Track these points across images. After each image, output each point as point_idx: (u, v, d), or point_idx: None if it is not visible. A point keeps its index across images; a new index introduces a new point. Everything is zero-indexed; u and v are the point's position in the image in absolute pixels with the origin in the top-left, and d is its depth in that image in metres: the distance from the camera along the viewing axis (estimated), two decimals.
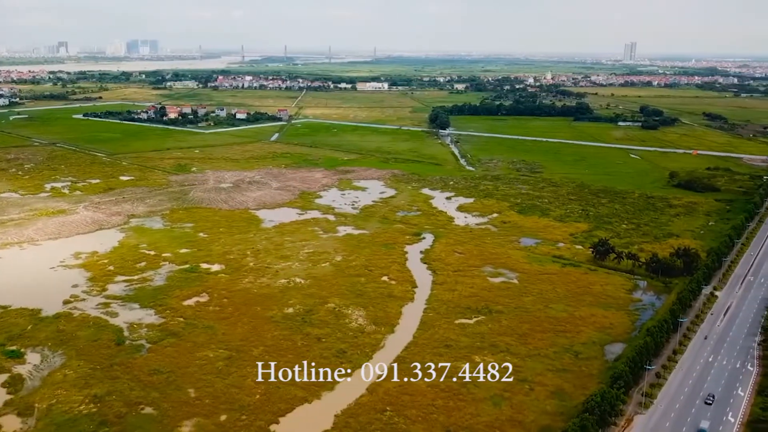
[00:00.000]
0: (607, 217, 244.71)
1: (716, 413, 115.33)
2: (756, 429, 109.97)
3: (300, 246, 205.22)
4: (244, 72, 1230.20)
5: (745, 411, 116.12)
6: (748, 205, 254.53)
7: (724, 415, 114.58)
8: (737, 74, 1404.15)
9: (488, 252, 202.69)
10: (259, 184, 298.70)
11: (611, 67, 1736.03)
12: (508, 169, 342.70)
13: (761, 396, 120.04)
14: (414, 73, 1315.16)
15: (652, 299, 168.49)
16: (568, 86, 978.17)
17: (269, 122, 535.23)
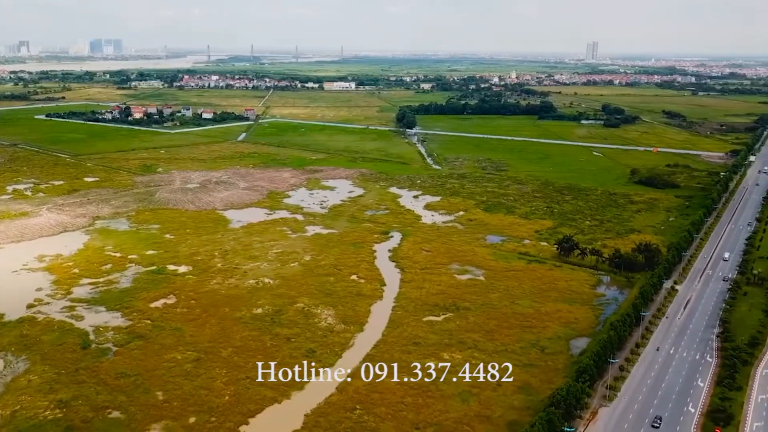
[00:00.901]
0: (571, 214, 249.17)
1: (677, 404, 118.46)
2: (715, 419, 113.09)
3: (268, 246, 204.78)
4: (210, 71, 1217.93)
5: (704, 401, 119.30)
6: (706, 200, 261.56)
7: (684, 406, 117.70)
8: (695, 73, 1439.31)
9: (455, 249, 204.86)
10: (226, 184, 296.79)
11: (574, 67, 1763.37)
12: (474, 168, 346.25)
13: (720, 386, 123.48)
14: (381, 73, 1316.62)
15: (615, 294, 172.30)
16: (533, 85, 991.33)
17: (236, 122, 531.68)
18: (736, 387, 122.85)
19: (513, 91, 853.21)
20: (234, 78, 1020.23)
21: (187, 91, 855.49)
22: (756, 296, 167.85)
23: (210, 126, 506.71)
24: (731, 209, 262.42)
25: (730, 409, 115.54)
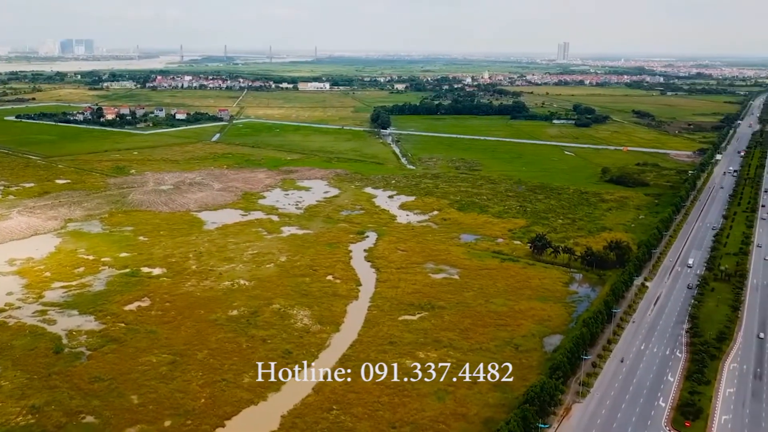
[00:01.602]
0: (544, 213, 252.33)
1: (648, 399, 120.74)
2: (684, 412, 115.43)
3: (243, 247, 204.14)
4: (183, 72, 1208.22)
5: (674, 396, 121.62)
6: (675, 198, 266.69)
7: (655, 400, 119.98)
8: (663, 73, 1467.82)
9: (430, 249, 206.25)
10: (200, 185, 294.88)
11: (546, 67, 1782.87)
12: (448, 168, 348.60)
13: (689, 381, 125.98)
14: (355, 73, 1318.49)
15: (587, 291, 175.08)
16: (505, 85, 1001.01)
17: (210, 122, 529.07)
18: (705, 381, 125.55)
19: (486, 92, 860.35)
20: (208, 78, 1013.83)
21: (160, 91, 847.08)
22: (723, 292, 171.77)
23: (183, 127, 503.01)
24: (699, 207, 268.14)
25: (699, 403, 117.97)
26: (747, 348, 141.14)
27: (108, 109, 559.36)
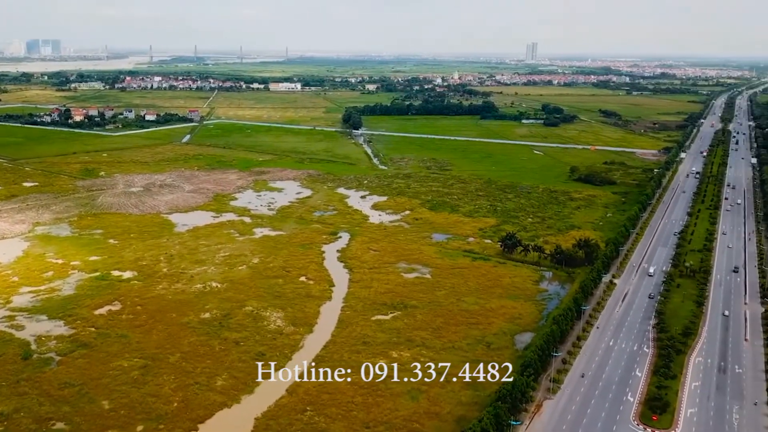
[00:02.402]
0: (514, 212, 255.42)
1: (617, 394, 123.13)
2: (652, 406, 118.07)
3: (215, 249, 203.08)
4: (153, 72, 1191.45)
5: (642, 390, 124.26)
6: (641, 196, 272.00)
7: (623, 395, 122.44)
8: (629, 73, 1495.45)
9: (402, 248, 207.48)
10: (171, 187, 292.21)
11: (515, 67, 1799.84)
12: (419, 167, 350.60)
13: (656, 376, 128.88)
14: (326, 74, 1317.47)
15: (557, 289, 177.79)
16: (475, 86, 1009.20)
17: (180, 123, 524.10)
18: (671, 375, 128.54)
19: (456, 92, 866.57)
20: (177, 79, 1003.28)
21: (130, 92, 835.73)
22: (688, 288, 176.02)
23: (153, 128, 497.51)
24: (664, 204, 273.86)
25: (666, 397, 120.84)
26: (711, 342, 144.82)
27: (76, 110, 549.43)
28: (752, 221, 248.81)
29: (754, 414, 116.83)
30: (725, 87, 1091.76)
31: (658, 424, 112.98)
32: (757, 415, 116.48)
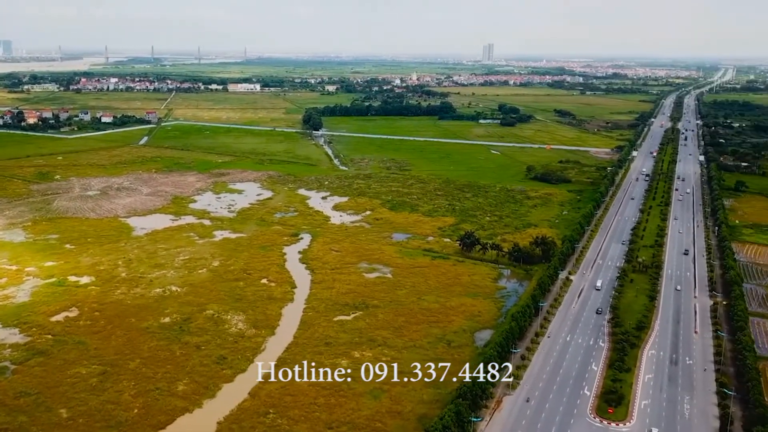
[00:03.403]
0: (472, 211, 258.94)
1: (574, 388, 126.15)
2: (608, 399, 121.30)
3: (175, 253, 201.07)
4: (108, 74, 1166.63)
5: (598, 384, 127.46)
6: (595, 194, 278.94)
7: (580, 389, 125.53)
8: (582, 73, 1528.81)
9: (363, 249, 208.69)
10: (128, 190, 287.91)
11: (472, 68, 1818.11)
12: (379, 168, 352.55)
13: (611, 369, 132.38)
14: (286, 75, 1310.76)
15: (515, 286, 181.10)
16: (433, 86, 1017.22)
17: (137, 125, 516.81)
18: (626, 369, 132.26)
19: (414, 93, 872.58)
20: (134, 80, 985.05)
21: (85, 94, 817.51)
22: (641, 282, 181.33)
23: (110, 130, 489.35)
24: (618, 202, 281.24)
25: (621, 389, 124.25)
26: (663, 335, 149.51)
27: (29, 112, 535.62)
28: (701, 217, 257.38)
29: (704, 404, 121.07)
30: (674, 87, 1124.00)
31: (614, 417, 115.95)
32: (707, 404, 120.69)
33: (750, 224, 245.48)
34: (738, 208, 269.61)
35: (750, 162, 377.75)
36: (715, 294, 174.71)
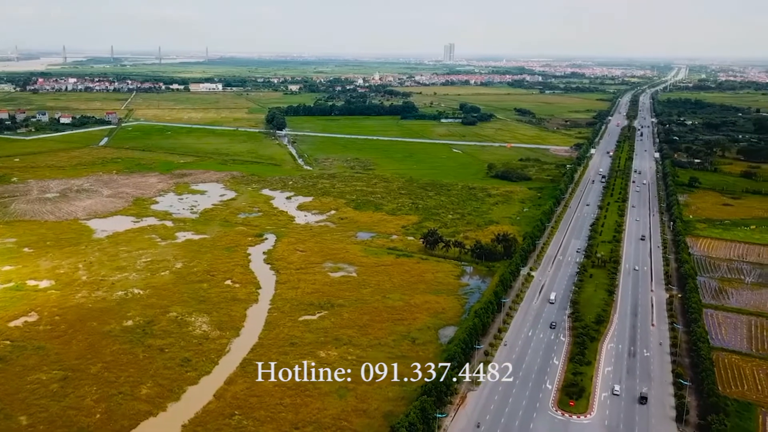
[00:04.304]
0: (435, 209, 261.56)
1: (536, 382, 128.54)
2: (569, 393, 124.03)
3: (137, 255, 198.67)
4: (67, 74, 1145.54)
5: (559, 378, 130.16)
6: (555, 191, 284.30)
7: (542, 383, 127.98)
8: (541, 73, 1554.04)
9: (328, 248, 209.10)
10: (88, 192, 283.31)
11: (433, 67, 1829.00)
12: (343, 167, 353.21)
13: (572, 363, 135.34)
14: (248, 74, 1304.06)
15: (478, 283, 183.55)
16: (395, 86, 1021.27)
17: (97, 126, 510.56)
18: (586, 362, 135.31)
19: (377, 92, 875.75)
20: (94, 80, 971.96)
21: (43, 94, 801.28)
22: (600, 277, 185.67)
23: (69, 131, 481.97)
24: (577, 198, 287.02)
25: (582, 382, 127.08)
26: (621, 328, 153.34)
27: None
28: (657, 212, 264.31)
29: (661, 394, 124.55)
30: (630, 85, 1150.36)
31: (575, 409, 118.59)
32: (664, 395, 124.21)
33: (703, 219, 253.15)
34: (692, 204, 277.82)
35: (702, 159, 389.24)
36: (670, 287, 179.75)
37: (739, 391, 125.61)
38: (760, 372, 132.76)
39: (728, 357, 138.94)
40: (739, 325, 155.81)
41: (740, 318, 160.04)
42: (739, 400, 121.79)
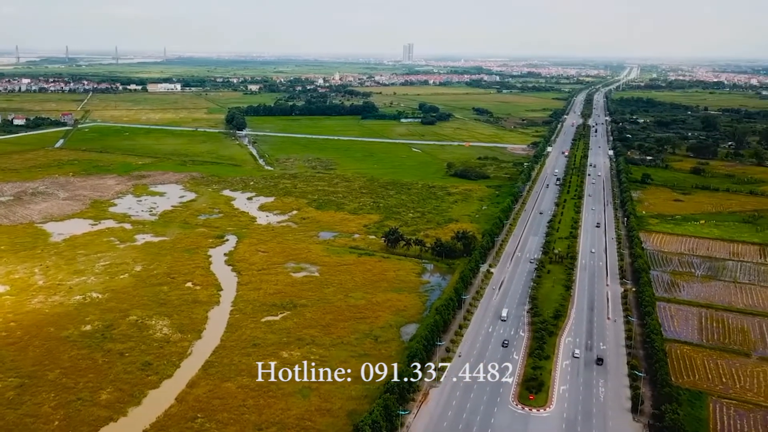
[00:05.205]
0: (396, 208, 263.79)
1: (496, 377, 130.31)
2: (529, 387, 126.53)
3: (95, 258, 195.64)
4: (20, 74, 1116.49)
5: (519, 372, 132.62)
6: (513, 189, 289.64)
7: (503, 378, 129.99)
8: (499, 72, 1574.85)
9: (290, 248, 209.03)
10: (44, 195, 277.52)
11: (393, 67, 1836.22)
12: (305, 167, 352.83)
13: (531, 357, 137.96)
14: (207, 74, 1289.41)
15: (438, 280, 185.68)
16: (355, 86, 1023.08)
17: (52, 128, 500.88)
18: (545, 356, 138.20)
19: (337, 92, 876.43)
20: (48, 81, 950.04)
21: None
22: (557, 273, 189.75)
23: (23, 133, 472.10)
24: (534, 196, 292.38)
25: (541, 377, 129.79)
26: (579, 323, 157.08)
27: None
28: (611, 209, 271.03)
29: (617, 386, 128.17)
30: (584, 85, 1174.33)
31: (535, 403, 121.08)
32: (620, 386, 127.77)
33: (655, 214, 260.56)
34: (644, 200, 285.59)
35: (654, 156, 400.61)
36: (625, 282, 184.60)
37: (691, 380, 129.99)
38: (710, 362, 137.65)
39: (680, 348, 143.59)
40: (690, 317, 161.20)
41: (691, 310, 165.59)
42: (691, 389, 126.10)
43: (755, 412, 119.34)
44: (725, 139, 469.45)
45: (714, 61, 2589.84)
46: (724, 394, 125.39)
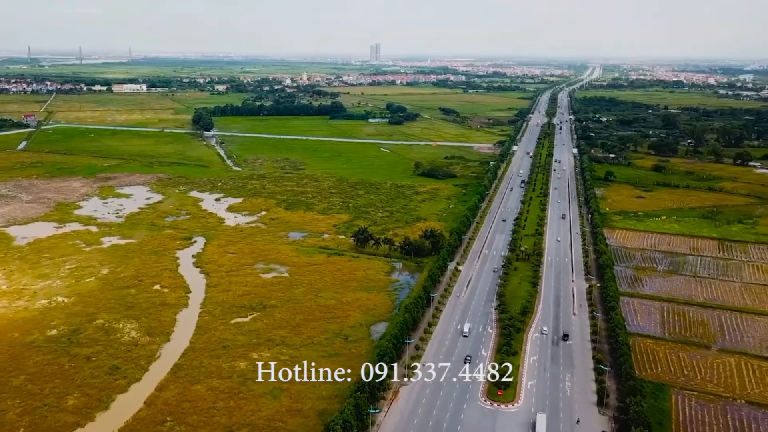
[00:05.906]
0: (365, 207, 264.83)
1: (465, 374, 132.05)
2: (497, 383, 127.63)
3: (60, 262, 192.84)
4: None
5: (488, 369, 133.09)
6: (479, 188, 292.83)
7: (472, 374, 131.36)
8: (465, 72, 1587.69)
9: (259, 249, 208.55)
10: (6, 198, 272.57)
11: (360, 68, 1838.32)
12: (273, 168, 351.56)
13: (499, 354, 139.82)
14: (173, 75, 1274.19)
15: (407, 279, 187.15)
16: (323, 86, 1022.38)
17: (14, 129, 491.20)
18: (513, 353, 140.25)
19: (305, 92, 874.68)
20: (9, 82, 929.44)
21: None
22: (524, 270, 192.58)
23: None
24: (500, 194, 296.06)
25: (509, 372, 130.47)
26: (545, 318, 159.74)
27: None
28: (575, 205, 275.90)
29: (583, 380, 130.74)
30: (549, 84, 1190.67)
31: (503, 399, 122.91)
32: (586, 380, 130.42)
33: (619, 211, 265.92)
34: (608, 197, 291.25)
35: (617, 153, 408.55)
36: (590, 277, 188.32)
37: (654, 373, 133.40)
38: (672, 354, 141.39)
39: (644, 341, 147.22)
40: (653, 311, 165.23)
41: (654, 304, 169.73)
42: (654, 381, 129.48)
43: (716, 403, 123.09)
44: (685, 137, 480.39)
45: (673, 61, 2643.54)
46: (686, 385, 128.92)
